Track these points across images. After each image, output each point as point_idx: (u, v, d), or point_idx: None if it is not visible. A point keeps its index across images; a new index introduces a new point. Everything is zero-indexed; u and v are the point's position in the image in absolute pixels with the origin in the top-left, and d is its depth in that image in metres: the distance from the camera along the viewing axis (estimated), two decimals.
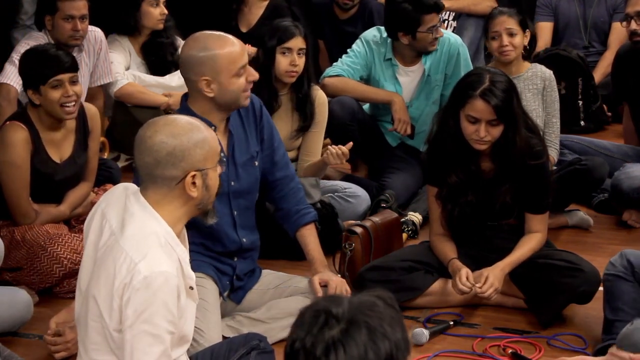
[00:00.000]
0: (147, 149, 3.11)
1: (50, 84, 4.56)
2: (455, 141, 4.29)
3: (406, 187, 5.55)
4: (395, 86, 5.64)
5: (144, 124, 3.21)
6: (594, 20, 7.06)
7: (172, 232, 3.11)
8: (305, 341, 2.06)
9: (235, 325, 4.15)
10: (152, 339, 3.00)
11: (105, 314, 3.06)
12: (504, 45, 5.19)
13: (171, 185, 3.12)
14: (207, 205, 3.22)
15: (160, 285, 2.98)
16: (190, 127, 3.14)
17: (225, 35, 4.01)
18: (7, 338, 4.18)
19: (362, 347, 2.05)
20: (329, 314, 2.08)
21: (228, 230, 4.15)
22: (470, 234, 4.46)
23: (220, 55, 3.93)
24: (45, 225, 4.69)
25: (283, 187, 4.31)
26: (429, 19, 5.46)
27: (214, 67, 3.94)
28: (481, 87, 4.18)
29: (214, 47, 3.94)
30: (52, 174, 4.71)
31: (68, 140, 4.77)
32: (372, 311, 2.10)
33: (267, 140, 4.25)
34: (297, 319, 2.11)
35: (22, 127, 4.60)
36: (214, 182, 3.19)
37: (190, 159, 3.11)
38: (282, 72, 5.04)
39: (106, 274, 3.06)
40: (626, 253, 4.04)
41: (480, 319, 4.40)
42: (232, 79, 3.96)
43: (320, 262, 4.26)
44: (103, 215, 3.20)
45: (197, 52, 3.95)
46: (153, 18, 6.07)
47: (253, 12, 6.61)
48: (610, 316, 3.98)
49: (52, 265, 4.57)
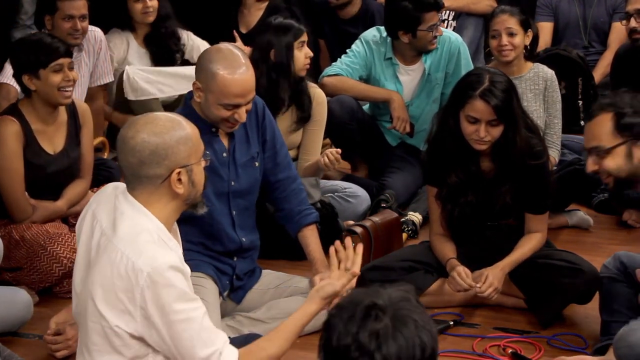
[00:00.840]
0: (130, 150, 3.11)
1: (52, 67, 4.61)
2: (455, 141, 4.29)
3: (406, 187, 5.56)
4: (396, 85, 5.65)
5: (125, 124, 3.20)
6: (594, 20, 7.06)
7: (163, 228, 3.12)
8: (359, 335, 2.11)
9: (235, 325, 4.15)
10: (184, 324, 3.03)
11: (108, 314, 3.06)
12: (503, 45, 5.20)
13: (157, 184, 3.12)
14: (196, 200, 3.22)
15: (165, 276, 3.00)
16: (171, 124, 3.13)
17: (241, 68, 3.95)
18: (7, 338, 4.18)
19: (410, 339, 2.10)
20: (376, 308, 2.13)
21: (227, 230, 4.15)
22: (470, 234, 4.46)
23: (219, 79, 3.91)
24: (44, 225, 4.70)
25: (285, 188, 4.31)
26: (429, 17, 5.46)
27: (207, 81, 3.94)
28: (481, 88, 4.18)
29: (217, 62, 3.91)
30: (45, 166, 4.73)
31: (60, 132, 4.79)
32: (410, 304, 2.16)
33: (269, 141, 4.26)
34: (340, 314, 2.15)
35: (13, 120, 4.63)
36: (200, 176, 3.19)
37: (173, 156, 3.11)
38: (301, 66, 5.08)
39: (102, 274, 3.07)
40: (619, 255, 4.06)
41: (480, 319, 4.40)
42: (218, 106, 3.95)
43: (322, 263, 4.26)
44: (94, 215, 3.21)
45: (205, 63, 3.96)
46: (137, 12, 6.09)
47: (252, 13, 6.61)
48: (607, 318, 4.00)
49: (52, 265, 4.58)
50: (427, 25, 5.47)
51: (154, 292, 3.00)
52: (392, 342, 2.10)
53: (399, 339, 2.11)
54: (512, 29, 5.20)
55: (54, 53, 4.64)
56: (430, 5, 5.46)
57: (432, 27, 5.48)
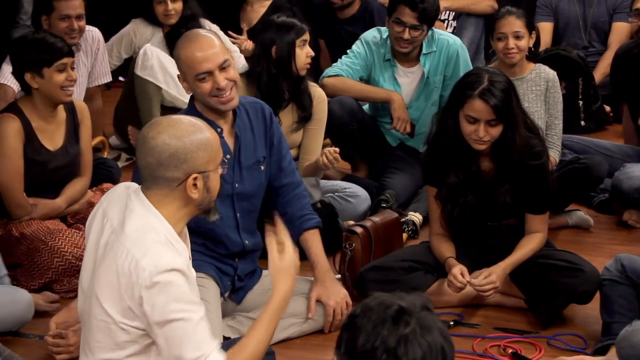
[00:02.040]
0: (149, 150, 3.11)
1: (56, 67, 4.63)
2: (455, 141, 4.29)
3: (406, 187, 5.55)
4: (394, 87, 5.64)
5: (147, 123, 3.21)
6: (594, 20, 7.06)
7: (172, 230, 3.12)
8: (389, 339, 2.15)
9: (236, 325, 4.15)
10: (180, 323, 3.03)
11: (112, 311, 3.07)
12: (510, 48, 5.16)
13: (172, 187, 3.12)
14: (209, 205, 3.22)
15: (167, 277, 3.00)
16: (193, 129, 3.14)
17: (198, 36, 4.02)
18: (7, 338, 4.18)
19: (434, 346, 2.17)
20: (405, 313, 2.18)
21: (230, 233, 4.15)
22: (471, 234, 4.46)
23: (182, 57, 3.98)
24: (44, 222, 4.71)
25: (288, 193, 4.31)
26: (400, 10, 5.43)
27: (180, 68, 4.01)
28: (480, 87, 4.18)
29: (179, 47, 4.00)
30: (46, 162, 4.74)
31: (59, 130, 4.81)
32: (432, 313, 2.23)
33: (276, 146, 4.26)
34: (369, 315, 2.18)
35: (14, 117, 4.65)
36: (215, 183, 3.19)
37: (192, 161, 3.11)
38: (302, 65, 5.06)
39: (108, 271, 3.07)
40: (620, 257, 4.08)
41: (480, 319, 4.40)
42: (196, 83, 3.98)
43: (321, 267, 4.27)
44: (104, 214, 3.21)
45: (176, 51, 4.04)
46: (159, 14, 6.15)
47: (255, 10, 6.62)
48: (608, 319, 4.00)
49: (53, 259, 4.59)
50: (395, 16, 5.45)
51: (153, 291, 3.00)
52: (417, 348, 2.15)
53: (424, 344, 2.16)
54: (519, 32, 5.15)
55: (58, 52, 4.66)
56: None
57: (399, 21, 5.45)
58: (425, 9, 5.40)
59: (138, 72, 5.97)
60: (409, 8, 5.40)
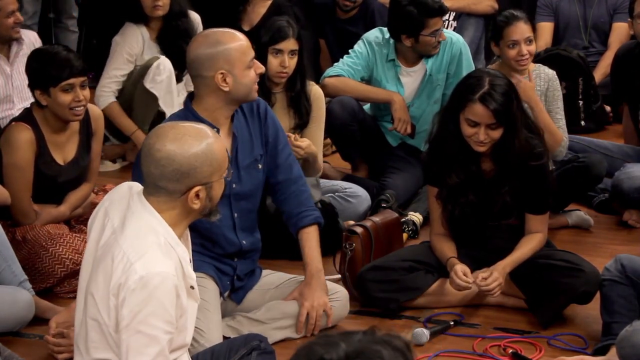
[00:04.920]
0: (153, 161, 3.10)
1: (61, 87, 4.52)
2: (456, 141, 4.29)
3: (406, 187, 5.55)
4: (397, 87, 5.64)
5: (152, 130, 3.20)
6: (594, 20, 7.06)
7: (172, 232, 3.11)
8: None
9: (236, 325, 4.15)
10: (147, 340, 3.00)
11: (104, 313, 3.06)
12: (524, 55, 5.06)
13: (174, 197, 3.11)
14: (210, 210, 3.21)
15: (156, 286, 2.98)
16: (199, 143, 3.11)
17: (231, 30, 4.09)
18: (7, 338, 4.18)
19: None
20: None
21: (227, 233, 4.14)
22: (471, 234, 4.46)
23: (233, 48, 3.99)
24: (46, 226, 4.69)
25: (284, 190, 4.29)
26: (433, 22, 5.43)
27: (228, 60, 3.98)
28: (480, 91, 4.18)
29: (225, 41, 4.00)
30: (56, 176, 4.71)
31: (72, 142, 4.76)
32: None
33: (271, 142, 4.24)
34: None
35: (28, 127, 4.59)
36: (218, 192, 3.19)
37: (196, 176, 3.10)
38: (273, 73, 4.98)
39: (104, 272, 3.07)
40: (620, 257, 4.09)
41: (480, 319, 4.41)
42: (245, 71, 4.00)
43: (312, 268, 4.23)
44: (106, 213, 3.20)
45: (209, 48, 3.98)
46: (147, 6, 6.07)
47: (256, 10, 6.61)
48: (608, 319, 4.01)
49: (54, 265, 4.57)
50: (430, 31, 5.44)
51: (138, 296, 2.97)
52: None
53: None
54: (530, 37, 5.10)
55: (64, 71, 4.52)
56: (434, 10, 5.42)
57: (435, 33, 5.45)
58: None
59: (146, 84, 5.98)
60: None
